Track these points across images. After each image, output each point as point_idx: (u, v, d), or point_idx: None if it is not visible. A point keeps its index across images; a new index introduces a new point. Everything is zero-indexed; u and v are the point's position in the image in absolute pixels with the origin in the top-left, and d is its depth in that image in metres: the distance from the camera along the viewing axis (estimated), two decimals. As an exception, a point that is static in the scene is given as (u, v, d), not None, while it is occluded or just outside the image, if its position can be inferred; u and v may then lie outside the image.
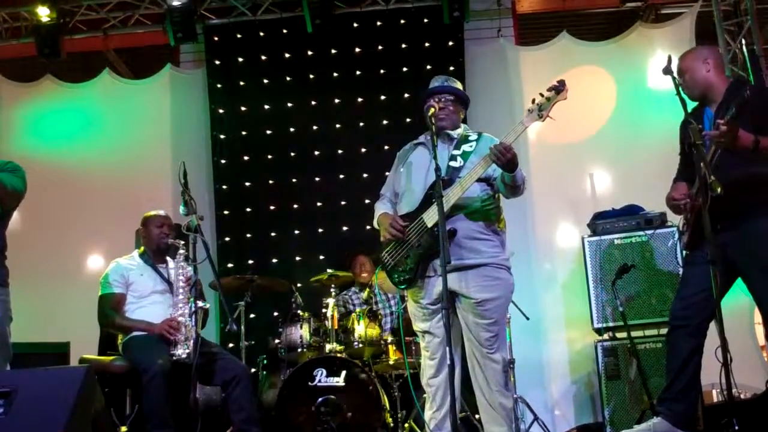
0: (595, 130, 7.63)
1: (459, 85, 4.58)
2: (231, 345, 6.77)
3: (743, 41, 7.46)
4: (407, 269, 4.24)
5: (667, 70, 4.01)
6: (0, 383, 3.09)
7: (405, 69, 8.01)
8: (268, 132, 8.04)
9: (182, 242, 5.18)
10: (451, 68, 7.64)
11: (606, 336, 6.08)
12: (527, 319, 6.34)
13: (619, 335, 5.99)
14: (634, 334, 5.70)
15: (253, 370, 6.19)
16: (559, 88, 3.95)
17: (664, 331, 4.65)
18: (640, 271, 5.93)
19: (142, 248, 5.49)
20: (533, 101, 3.99)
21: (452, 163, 4.25)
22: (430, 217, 4.13)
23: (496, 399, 4.13)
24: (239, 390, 4.98)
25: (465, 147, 4.31)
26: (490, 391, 4.14)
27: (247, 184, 7.97)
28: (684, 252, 4.79)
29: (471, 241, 4.16)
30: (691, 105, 4.20)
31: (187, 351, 4.84)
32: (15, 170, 4.19)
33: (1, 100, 8.34)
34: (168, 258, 5.43)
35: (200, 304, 4.87)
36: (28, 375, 3.51)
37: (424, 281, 4.24)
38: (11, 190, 4.09)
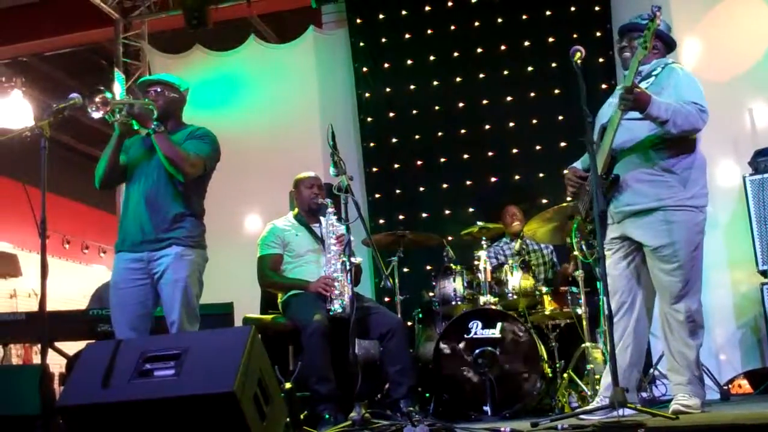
0: (752, 62, 7.13)
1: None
2: (386, 299, 6.87)
3: None
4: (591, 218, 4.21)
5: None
6: (171, 345, 3.24)
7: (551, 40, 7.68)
8: (412, 87, 8.01)
9: (331, 201, 5.29)
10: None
11: (773, 278, 5.80)
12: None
13: (787, 277, 5.72)
14: (804, 274, 5.44)
15: (409, 323, 6.27)
16: (651, 15, 3.82)
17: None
18: (808, 208, 5.62)
19: (296, 209, 5.65)
20: None
21: None
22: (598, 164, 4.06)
23: (677, 348, 4.03)
24: (394, 342, 5.07)
25: (644, 84, 4.13)
26: (673, 339, 4.05)
27: (394, 140, 7.99)
28: None
29: (639, 184, 4.05)
30: None
31: (343, 305, 4.96)
32: (204, 137, 4.48)
33: (153, 72, 8.65)
34: (321, 217, 5.56)
35: (352, 260, 4.97)
36: (197, 336, 3.70)
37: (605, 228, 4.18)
38: (195, 159, 4.34)
